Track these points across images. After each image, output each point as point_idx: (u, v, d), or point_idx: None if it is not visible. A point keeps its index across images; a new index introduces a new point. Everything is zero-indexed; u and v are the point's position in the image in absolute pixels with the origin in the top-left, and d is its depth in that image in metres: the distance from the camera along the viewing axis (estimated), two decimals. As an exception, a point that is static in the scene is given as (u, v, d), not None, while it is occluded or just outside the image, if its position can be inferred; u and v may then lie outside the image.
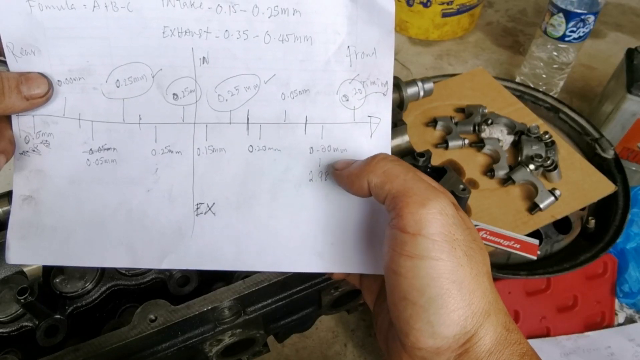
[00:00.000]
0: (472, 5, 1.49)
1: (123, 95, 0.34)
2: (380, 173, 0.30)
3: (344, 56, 0.36)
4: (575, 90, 1.37)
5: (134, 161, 0.36)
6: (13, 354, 0.45)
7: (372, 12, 0.35)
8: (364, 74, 0.36)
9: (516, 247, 0.51)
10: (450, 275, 0.27)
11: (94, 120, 0.35)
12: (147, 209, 0.36)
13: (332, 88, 0.36)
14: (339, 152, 0.36)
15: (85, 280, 0.49)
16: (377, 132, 0.36)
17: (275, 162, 0.36)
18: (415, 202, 0.27)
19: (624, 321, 0.91)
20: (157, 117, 0.35)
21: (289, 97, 0.36)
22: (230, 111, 0.36)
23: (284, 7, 0.34)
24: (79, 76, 0.35)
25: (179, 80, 0.35)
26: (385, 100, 0.36)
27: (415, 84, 0.69)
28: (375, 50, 0.36)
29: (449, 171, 0.54)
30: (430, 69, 1.48)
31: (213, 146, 0.36)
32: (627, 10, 1.71)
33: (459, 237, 0.28)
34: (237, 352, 0.56)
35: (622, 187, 0.89)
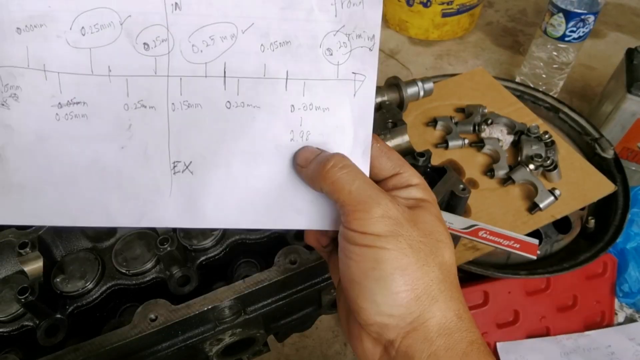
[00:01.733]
0: (472, 5, 1.49)
1: (89, 44, 0.32)
2: (329, 183, 0.32)
3: (329, 4, 0.33)
4: (575, 90, 1.37)
5: (105, 116, 0.34)
6: (14, 353, 0.45)
7: None
8: (349, 25, 0.34)
9: (516, 247, 0.51)
10: (394, 262, 0.30)
11: (61, 72, 0.33)
12: (121, 166, 0.35)
13: (315, 41, 0.34)
14: (320, 111, 0.35)
15: (86, 280, 0.49)
16: (361, 91, 0.35)
17: (254, 120, 0.35)
18: (360, 210, 0.31)
19: (623, 321, 0.91)
20: (128, 68, 0.33)
21: (269, 49, 0.34)
22: (206, 63, 0.34)
23: None
24: (40, 23, 0.32)
25: (150, 28, 0.33)
26: (372, 56, 0.35)
27: (415, 84, 0.69)
28: (363, 1, 0.34)
29: (449, 171, 0.55)
30: (430, 69, 1.48)
31: (188, 101, 0.34)
32: (627, 10, 1.71)
33: (403, 233, 0.31)
34: (237, 352, 0.56)
35: (622, 187, 0.89)
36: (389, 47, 1.55)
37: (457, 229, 0.51)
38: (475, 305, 0.84)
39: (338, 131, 0.35)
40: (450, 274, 0.33)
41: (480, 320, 0.84)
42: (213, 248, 0.53)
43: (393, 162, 0.36)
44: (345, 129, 0.35)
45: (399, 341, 0.31)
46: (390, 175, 0.36)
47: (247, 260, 0.57)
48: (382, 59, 1.50)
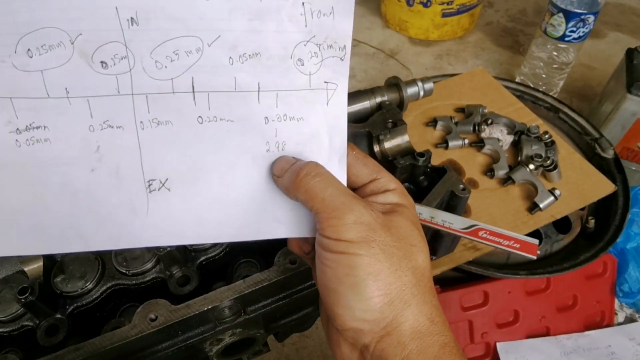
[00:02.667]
0: (472, 5, 1.49)
1: (40, 66, 0.30)
2: (303, 191, 0.33)
3: (299, 14, 0.32)
4: (575, 90, 1.37)
5: (70, 139, 0.33)
6: (14, 353, 0.45)
7: None
8: (320, 35, 0.33)
9: (516, 247, 0.51)
10: (367, 267, 0.31)
11: (13, 97, 0.31)
12: (94, 189, 0.34)
13: (286, 51, 0.33)
14: (295, 121, 0.35)
15: (86, 280, 0.49)
16: (334, 99, 0.35)
17: (229, 134, 0.34)
18: (333, 216, 0.32)
19: (623, 320, 0.91)
20: (88, 89, 0.32)
21: (238, 62, 0.32)
22: (172, 79, 0.32)
23: None
24: None
25: (105, 45, 0.31)
26: (343, 66, 0.35)
27: (415, 84, 0.69)
28: (333, 10, 0.33)
29: (448, 171, 0.55)
30: (430, 69, 1.48)
31: (157, 119, 0.33)
32: (627, 10, 1.71)
33: (376, 239, 0.32)
34: (237, 352, 0.56)
35: (622, 186, 0.89)
36: (389, 47, 1.55)
37: (457, 229, 0.51)
38: (475, 305, 0.84)
39: (314, 140, 0.35)
40: (424, 277, 0.33)
41: (480, 320, 0.84)
42: (213, 248, 0.54)
43: (369, 169, 0.37)
44: (320, 137, 0.35)
45: (373, 345, 0.31)
46: (368, 181, 0.36)
47: (247, 260, 0.57)
48: (382, 59, 1.51)
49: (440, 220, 0.51)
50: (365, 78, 1.44)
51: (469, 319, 0.84)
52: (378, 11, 1.68)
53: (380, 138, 0.60)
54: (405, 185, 0.59)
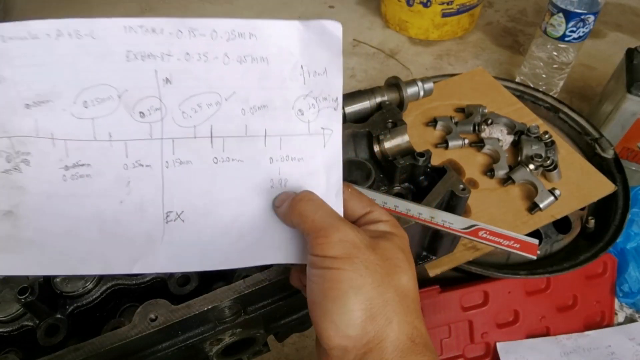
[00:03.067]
0: (472, 5, 1.49)
1: (92, 115, 0.36)
2: (296, 214, 0.37)
3: (298, 75, 0.39)
4: (575, 90, 1.37)
5: (107, 175, 0.38)
6: (14, 353, 0.45)
7: (323, 36, 0.39)
8: (316, 90, 0.39)
9: (516, 247, 0.51)
10: (350, 281, 0.33)
11: (67, 139, 0.37)
12: (119, 218, 0.38)
13: (288, 103, 0.39)
14: (296, 161, 0.40)
15: (86, 280, 0.49)
16: (330, 142, 0.40)
17: (238, 172, 0.39)
18: (321, 235, 0.34)
19: (623, 320, 0.91)
20: (127, 134, 0.37)
21: (249, 113, 0.39)
22: (195, 126, 0.38)
23: (241, 32, 0.37)
24: (46, 99, 0.36)
25: (145, 99, 0.37)
26: (336, 114, 0.40)
27: (415, 84, 0.69)
28: (326, 70, 0.39)
29: (448, 171, 0.55)
30: (430, 69, 1.48)
31: (180, 159, 0.38)
32: (627, 10, 1.71)
33: (360, 256, 0.34)
34: (237, 352, 0.56)
35: (622, 186, 0.89)
36: (389, 47, 1.55)
37: (457, 229, 0.51)
38: (475, 305, 0.84)
39: (312, 177, 0.40)
40: (407, 297, 0.35)
41: (480, 320, 0.84)
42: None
43: (364, 203, 0.40)
44: (318, 175, 0.40)
45: None
46: (362, 214, 0.39)
47: (247, 260, 0.57)
48: (382, 59, 1.51)
49: (440, 220, 0.51)
50: (365, 78, 1.44)
51: (469, 318, 0.84)
52: (378, 11, 1.68)
53: (380, 138, 0.60)
54: (405, 185, 0.59)
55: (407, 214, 0.51)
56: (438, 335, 0.83)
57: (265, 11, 1.73)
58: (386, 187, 0.59)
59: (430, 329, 0.82)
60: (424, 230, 0.55)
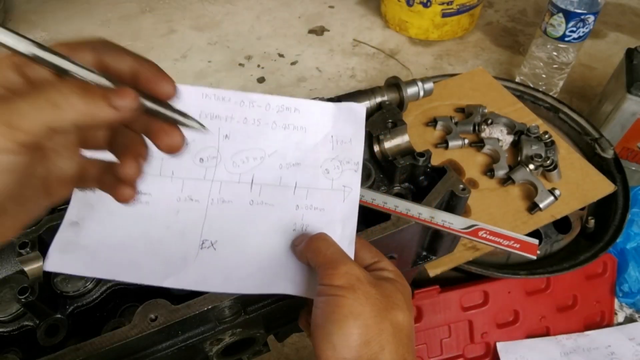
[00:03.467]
0: (472, 5, 1.49)
1: (161, 156, 0.41)
2: (311, 250, 0.42)
3: (328, 142, 0.48)
4: (575, 90, 1.37)
5: (162, 204, 0.45)
6: (14, 353, 0.45)
7: (350, 114, 0.49)
8: (342, 155, 0.48)
9: (516, 247, 0.51)
10: (350, 307, 0.37)
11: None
12: (163, 240, 0.44)
13: (317, 163, 0.47)
14: (318, 211, 0.46)
15: (86, 280, 0.49)
16: (349, 198, 0.47)
17: (269, 214, 0.46)
18: (330, 267, 0.39)
19: (623, 320, 0.91)
20: (185, 173, 0.45)
21: (285, 167, 0.47)
22: (240, 174, 0.46)
23: (288, 106, 0.47)
24: None
25: (206, 149, 0.46)
26: (356, 175, 0.47)
27: (415, 84, 0.69)
28: (351, 140, 0.48)
29: (448, 171, 0.55)
30: (430, 69, 1.48)
31: (224, 198, 0.46)
32: (627, 10, 1.71)
33: (362, 288, 0.38)
34: (237, 352, 0.56)
35: (622, 186, 0.89)
36: (389, 47, 1.55)
37: (457, 229, 0.51)
38: (475, 305, 0.84)
39: (330, 226, 0.45)
40: (402, 332, 0.38)
41: (480, 320, 0.84)
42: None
43: (372, 254, 0.44)
44: (335, 224, 0.46)
45: None
46: (370, 263, 0.44)
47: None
48: (382, 59, 1.51)
49: (440, 220, 0.51)
50: (365, 78, 1.44)
51: (468, 318, 0.84)
52: (378, 11, 1.68)
53: (380, 138, 0.60)
54: (405, 185, 0.59)
55: (407, 214, 0.51)
56: (438, 335, 0.83)
57: (265, 11, 1.73)
58: (386, 187, 0.59)
59: (430, 329, 0.83)
60: (424, 230, 0.55)
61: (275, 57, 1.53)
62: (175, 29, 1.65)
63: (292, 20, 1.69)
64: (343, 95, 0.66)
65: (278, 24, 1.67)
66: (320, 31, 1.63)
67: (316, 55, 1.53)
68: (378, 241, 0.50)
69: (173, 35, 1.62)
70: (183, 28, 1.65)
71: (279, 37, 1.61)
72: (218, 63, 1.50)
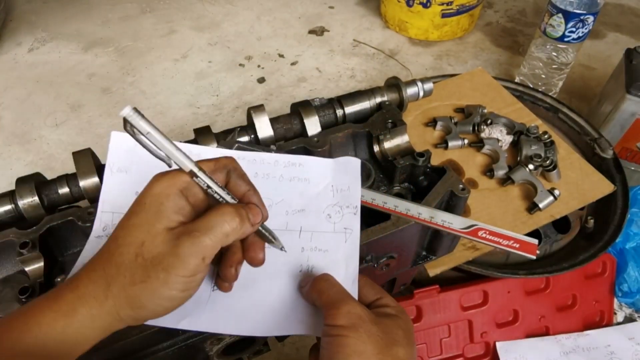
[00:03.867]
0: (472, 6, 1.50)
1: None
2: (316, 291, 0.44)
3: (329, 191, 0.53)
4: (574, 91, 1.37)
5: None
6: (15, 352, 0.45)
7: (347, 166, 0.55)
8: (341, 201, 0.52)
9: (515, 247, 0.51)
10: (353, 346, 0.38)
11: None
12: None
13: (320, 209, 0.52)
14: (322, 252, 0.49)
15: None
16: (350, 239, 0.50)
17: (276, 257, 0.47)
18: (333, 307, 0.41)
19: (623, 320, 0.91)
20: None
21: (291, 214, 0.51)
22: None
23: (294, 162, 0.54)
24: None
25: None
26: (356, 218, 0.51)
27: (414, 84, 0.69)
28: (349, 187, 0.53)
29: (448, 171, 0.55)
30: (430, 69, 1.48)
31: None
32: (626, 11, 1.72)
33: (363, 326, 0.40)
34: (237, 351, 0.56)
35: (621, 186, 0.89)
36: (389, 48, 1.55)
37: (456, 228, 0.51)
38: (475, 305, 0.84)
39: (334, 266, 0.48)
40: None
41: (479, 320, 0.84)
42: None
43: (375, 290, 0.47)
44: (339, 264, 0.48)
45: None
46: (374, 300, 0.46)
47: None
48: (382, 60, 1.51)
49: (439, 220, 0.51)
50: (365, 78, 1.44)
51: (468, 318, 0.84)
52: (378, 11, 1.69)
53: (380, 138, 0.60)
54: (405, 185, 0.59)
55: (406, 214, 0.51)
56: (438, 334, 0.83)
57: (265, 12, 1.73)
58: (386, 187, 0.59)
59: (430, 329, 0.83)
60: (424, 230, 0.56)
61: (276, 57, 1.53)
62: (176, 29, 1.65)
63: (292, 20, 1.69)
64: (343, 96, 0.66)
65: (278, 24, 1.67)
66: (320, 31, 1.64)
67: (316, 55, 1.53)
68: (378, 241, 0.51)
69: (173, 36, 1.62)
70: (183, 28, 1.66)
71: (279, 38, 1.61)
72: (218, 63, 1.51)
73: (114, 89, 1.42)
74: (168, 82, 1.44)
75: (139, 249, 0.35)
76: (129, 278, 0.35)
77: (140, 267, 0.35)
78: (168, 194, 0.37)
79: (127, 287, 0.35)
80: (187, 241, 0.35)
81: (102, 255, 0.37)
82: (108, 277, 0.35)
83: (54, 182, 0.55)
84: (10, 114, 1.34)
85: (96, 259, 0.37)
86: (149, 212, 0.36)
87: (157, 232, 0.35)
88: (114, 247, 0.36)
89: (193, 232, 0.35)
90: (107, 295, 0.35)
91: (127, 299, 0.35)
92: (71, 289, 0.36)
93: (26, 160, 1.22)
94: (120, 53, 1.55)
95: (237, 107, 1.36)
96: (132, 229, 0.36)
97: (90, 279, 0.36)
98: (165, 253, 0.35)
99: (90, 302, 0.35)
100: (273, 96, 1.39)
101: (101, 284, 0.35)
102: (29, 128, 1.30)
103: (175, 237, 0.35)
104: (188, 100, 1.38)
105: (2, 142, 1.26)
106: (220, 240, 0.37)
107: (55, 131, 1.29)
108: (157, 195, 0.37)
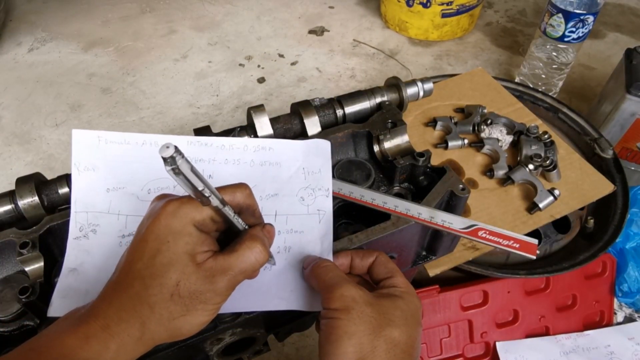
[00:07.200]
0: (472, 6, 1.50)
1: (151, 198, 0.44)
2: (314, 277, 0.46)
3: (301, 174, 0.54)
4: (574, 90, 1.37)
5: None
6: (15, 352, 0.45)
7: (317, 148, 0.56)
8: (313, 184, 0.53)
9: (515, 247, 0.51)
10: (344, 328, 0.40)
11: (128, 215, 0.49)
12: None
13: (293, 192, 0.53)
14: (298, 234, 0.51)
15: (87, 280, 0.49)
16: (323, 220, 0.52)
17: None
18: (328, 291, 0.43)
19: (623, 320, 0.91)
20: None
21: (265, 199, 0.52)
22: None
23: (263, 146, 0.54)
24: (122, 186, 0.50)
25: None
26: (328, 200, 0.53)
27: (415, 84, 0.69)
28: (320, 170, 0.54)
29: (448, 171, 0.55)
30: (430, 69, 1.48)
31: None
32: (626, 11, 1.72)
33: (356, 308, 0.41)
34: (237, 351, 0.56)
35: (621, 186, 0.89)
36: (389, 48, 1.55)
37: (456, 228, 0.51)
38: (475, 305, 0.84)
39: (310, 245, 0.50)
40: (396, 348, 0.41)
41: (479, 320, 0.84)
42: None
43: (387, 269, 0.47)
44: (315, 243, 0.50)
45: None
46: (384, 278, 0.47)
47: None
48: (382, 60, 1.51)
49: (439, 220, 0.51)
50: (365, 78, 1.44)
51: (468, 318, 0.84)
52: (378, 11, 1.69)
53: (380, 138, 0.60)
54: (405, 185, 0.59)
55: (406, 214, 0.51)
56: (438, 334, 0.83)
57: (265, 12, 1.73)
58: (386, 187, 0.59)
59: (430, 329, 0.83)
60: (424, 230, 0.56)
61: (276, 57, 1.53)
62: (176, 29, 1.65)
63: (292, 20, 1.69)
64: (343, 96, 0.66)
65: (278, 24, 1.67)
66: (320, 31, 1.64)
67: (316, 55, 1.53)
68: (378, 241, 0.51)
69: (173, 36, 1.62)
70: (183, 28, 1.66)
71: (279, 38, 1.61)
72: (218, 63, 1.51)
73: (114, 89, 1.42)
74: (168, 82, 1.44)
75: (174, 289, 0.37)
76: (166, 315, 0.37)
77: (178, 304, 0.37)
78: (190, 232, 0.38)
79: (166, 322, 0.37)
80: (223, 280, 0.39)
81: (126, 291, 0.38)
82: (142, 317, 0.37)
83: (54, 182, 0.55)
84: (10, 114, 1.34)
85: (121, 294, 0.38)
86: (176, 251, 0.38)
87: (191, 272, 0.38)
88: (140, 287, 0.37)
89: (228, 272, 0.39)
90: (143, 332, 0.37)
91: (166, 331, 0.38)
92: (102, 327, 0.36)
93: (26, 160, 1.22)
94: (120, 53, 1.55)
95: (237, 107, 1.36)
96: (161, 269, 0.37)
97: (122, 318, 0.37)
98: (203, 290, 0.38)
99: (124, 339, 0.37)
100: (273, 96, 1.39)
101: (134, 323, 0.37)
102: (29, 128, 1.30)
103: (211, 275, 0.38)
104: (188, 100, 1.38)
105: (2, 142, 1.26)
106: (250, 275, 0.41)
107: (55, 131, 1.29)
108: (179, 234, 0.38)
